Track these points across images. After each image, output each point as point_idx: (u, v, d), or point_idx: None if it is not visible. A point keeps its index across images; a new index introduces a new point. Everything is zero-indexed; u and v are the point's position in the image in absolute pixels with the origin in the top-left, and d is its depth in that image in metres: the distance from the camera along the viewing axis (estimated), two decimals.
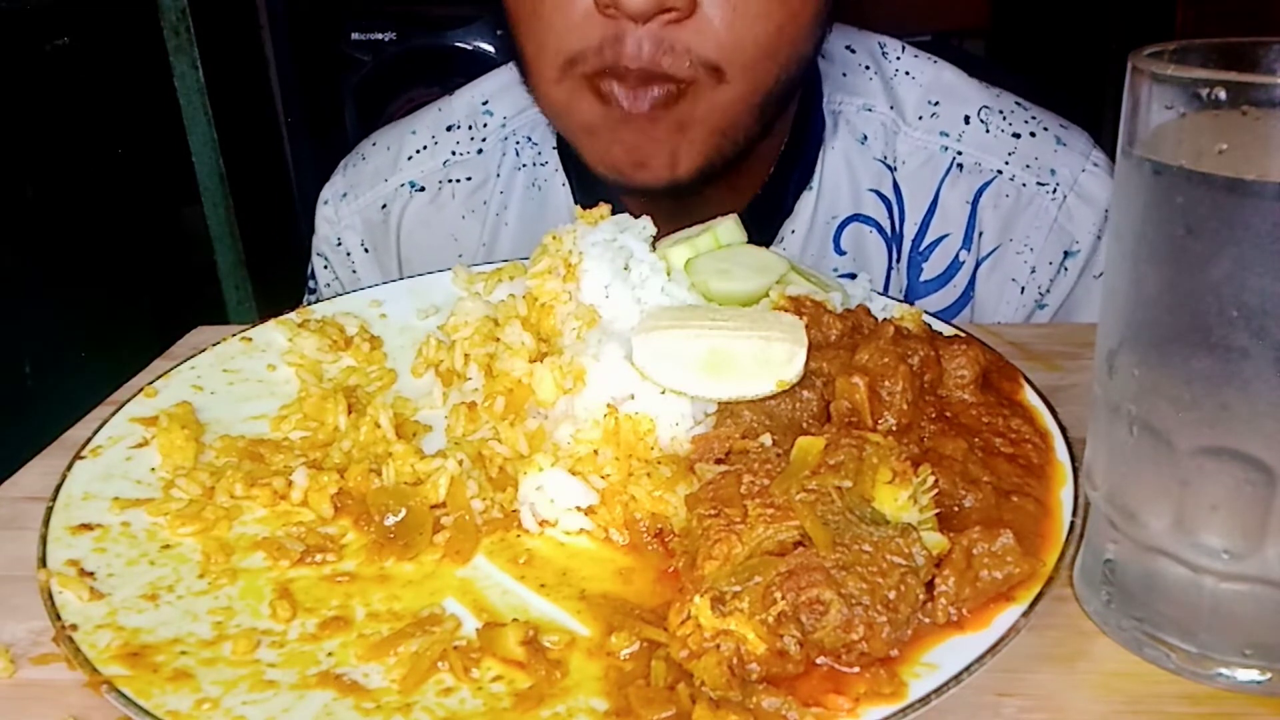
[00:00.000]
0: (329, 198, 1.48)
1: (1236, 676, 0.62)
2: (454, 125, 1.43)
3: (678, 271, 0.90)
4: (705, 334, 0.78)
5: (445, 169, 1.42)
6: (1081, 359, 0.97)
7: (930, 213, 1.30)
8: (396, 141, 1.46)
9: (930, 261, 1.31)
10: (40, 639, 0.67)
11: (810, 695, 0.59)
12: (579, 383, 0.80)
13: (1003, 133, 1.30)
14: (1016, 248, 1.28)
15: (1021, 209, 1.28)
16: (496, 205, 1.39)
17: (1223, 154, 0.55)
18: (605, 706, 0.60)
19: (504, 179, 1.40)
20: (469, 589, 0.71)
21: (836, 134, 1.30)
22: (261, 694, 0.61)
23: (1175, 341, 0.58)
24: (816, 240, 1.30)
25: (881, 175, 1.30)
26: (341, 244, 1.47)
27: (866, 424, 0.75)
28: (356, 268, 1.47)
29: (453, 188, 1.41)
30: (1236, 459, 0.58)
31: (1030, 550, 0.66)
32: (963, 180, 1.29)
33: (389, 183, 1.44)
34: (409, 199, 1.43)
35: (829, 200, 1.30)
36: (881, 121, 1.30)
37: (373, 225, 1.46)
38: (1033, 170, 1.28)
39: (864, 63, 1.34)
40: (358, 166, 1.48)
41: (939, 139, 1.30)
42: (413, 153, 1.44)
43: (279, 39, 3.08)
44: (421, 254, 1.43)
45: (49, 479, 0.80)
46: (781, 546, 0.64)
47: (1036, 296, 1.29)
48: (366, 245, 1.46)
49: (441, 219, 1.42)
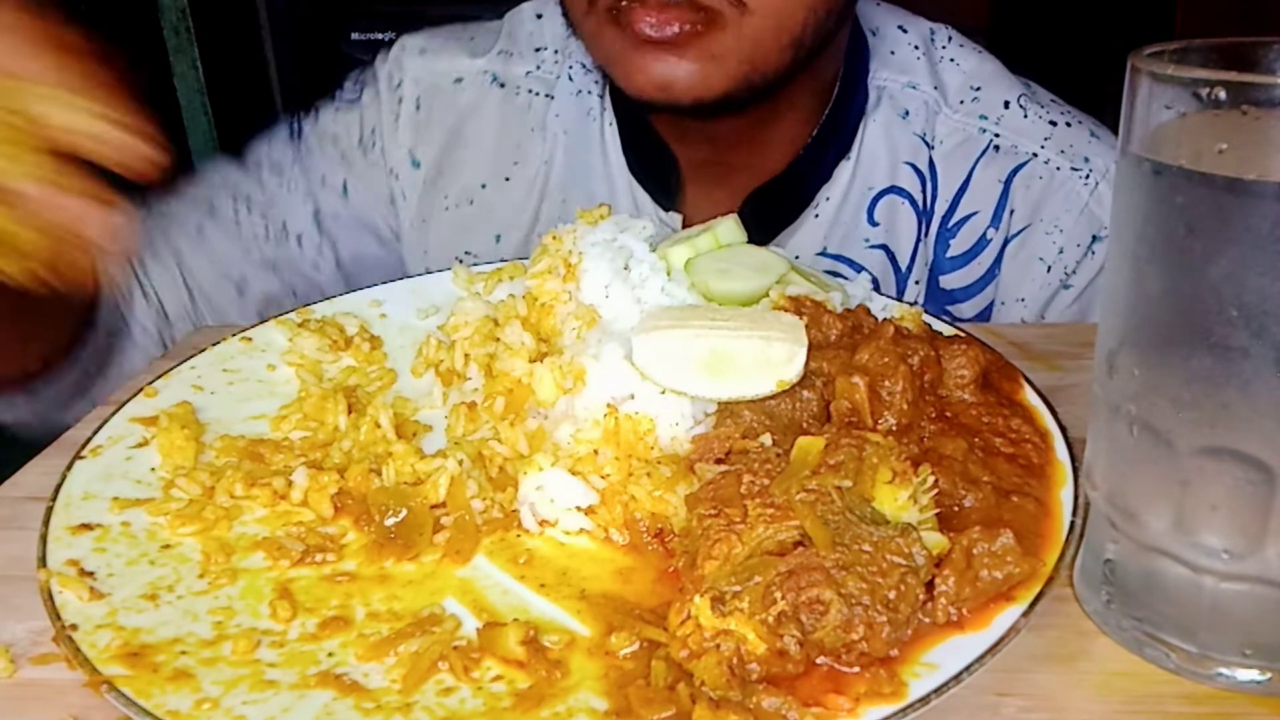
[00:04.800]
0: (406, 45, 1.44)
1: (1236, 676, 0.62)
2: (541, 47, 1.42)
3: (678, 271, 0.90)
4: (705, 334, 0.78)
5: (527, 79, 1.41)
6: (1081, 359, 0.97)
7: (962, 190, 1.32)
8: (485, 36, 1.44)
9: (958, 238, 1.32)
10: (40, 639, 0.67)
11: (810, 695, 0.59)
12: (579, 382, 0.80)
13: (1040, 119, 1.31)
14: (1046, 228, 1.29)
15: (1054, 190, 1.29)
16: (556, 127, 1.38)
17: (1222, 154, 0.55)
18: (605, 706, 0.60)
19: (566, 104, 1.39)
20: (469, 589, 0.71)
21: (879, 107, 1.32)
22: (261, 694, 0.61)
23: (1175, 341, 0.59)
24: (851, 209, 1.32)
25: (918, 150, 1.32)
26: (400, 86, 1.42)
27: (866, 424, 0.75)
28: (400, 116, 1.42)
29: (530, 99, 1.40)
30: (1236, 459, 0.58)
31: (1030, 550, 0.66)
32: (998, 161, 1.30)
33: (473, 62, 1.42)
34: (487, 88, 1.41)
35: (866, 170, 1.31)
36: (924, 100, 1.32)
37: (438, 92, 1.41)
38: (1067, 156, 1.29)
39: (914, 43, 1.36)
40: (442, 37, 1.44)
41: (978, 121, 1.32)
42: (500, 50, 1.42)
43: (279, 39, 3.08)
44: (476, 152, 1.40)
45: (49, 479, 0.80)
46: (781, 546, 0.64)
47: (1062, 276, 1.29)
48: (420, 105, 1.42)
49: (511, 123, 1.40)
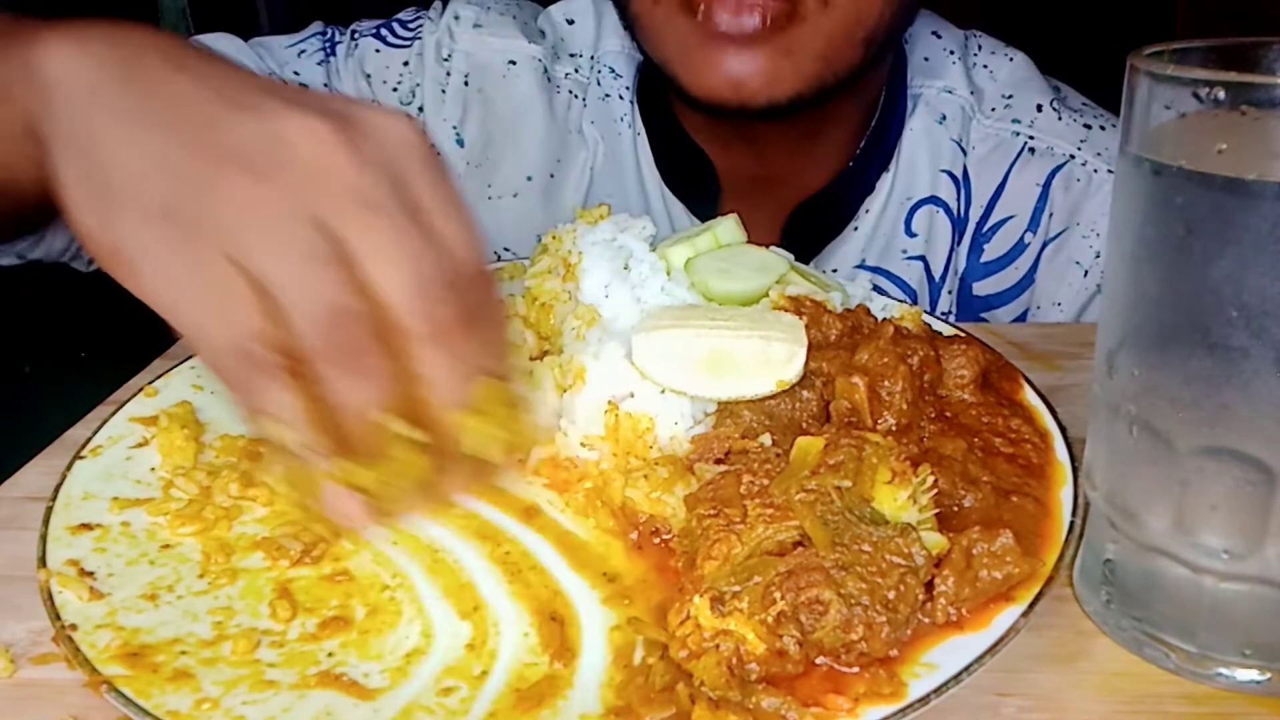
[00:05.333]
0: (461, 15, 1.34)
1: (1236, 676, 0.62)
2: (576, 53, 1.37)
3: (678, 271, 0.90)
4: (705, 334, 0.78)
5: (567, 80, 1.36)
6: (1081, 359, 0.97)
7: (997, 195, 1.30)
8: (533, 24, 1.38)
9: (992, 243, 1.31)
10: (40, 639, 0.67)
11: (810, 695, 0.58)
12: (579, 381, 0.80)
13: (1074, 121, 1.30)
14: (1083, 231, 1.28)
15: (1092, 193, 1.27)
16: (593, 134, 1.34)
17: (1222, 154, 0.55)
18: (604, 706, 0.60)
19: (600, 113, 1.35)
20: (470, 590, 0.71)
21: (915, 114, 1.30)
22: (261, 694, 0.61)
23: (1175, 341, 0.59)
24: (889, 221, 1.30)
25: (955, 156, 1.30)
26: (450, 59, 1.33)
27: (866, 424, 0.75)
28: (447, 90, 1.33)
29: (570, 99, 1.35)
30: (1236, 459, 0.58)
31: (1030, 550, 0.66)
32: (1034, 163, 1.29)
33: (528, 47, 1.34)
34: (540, 77, 1.33)
35: (905, 180, 1.30)
36: (960, 105, 1.31)
37: (490, 72, 1.33)
38: (1104, 158, 1.28)
39: (949, 48, 1.34)
40: (497, 12, 1.36)
41: (1011, 125, 1.30)
42: (550, 44, 1.36)
43: None
44: (525, 142, 1.33)
45: (49, 479, 0.80)
46: (781, 546, 0.64)
47: (1099, 280, 1.28)
48: (469, 81, 1.33)
49: (557, 120, 1.35)
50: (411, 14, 1.39)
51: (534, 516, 0.76)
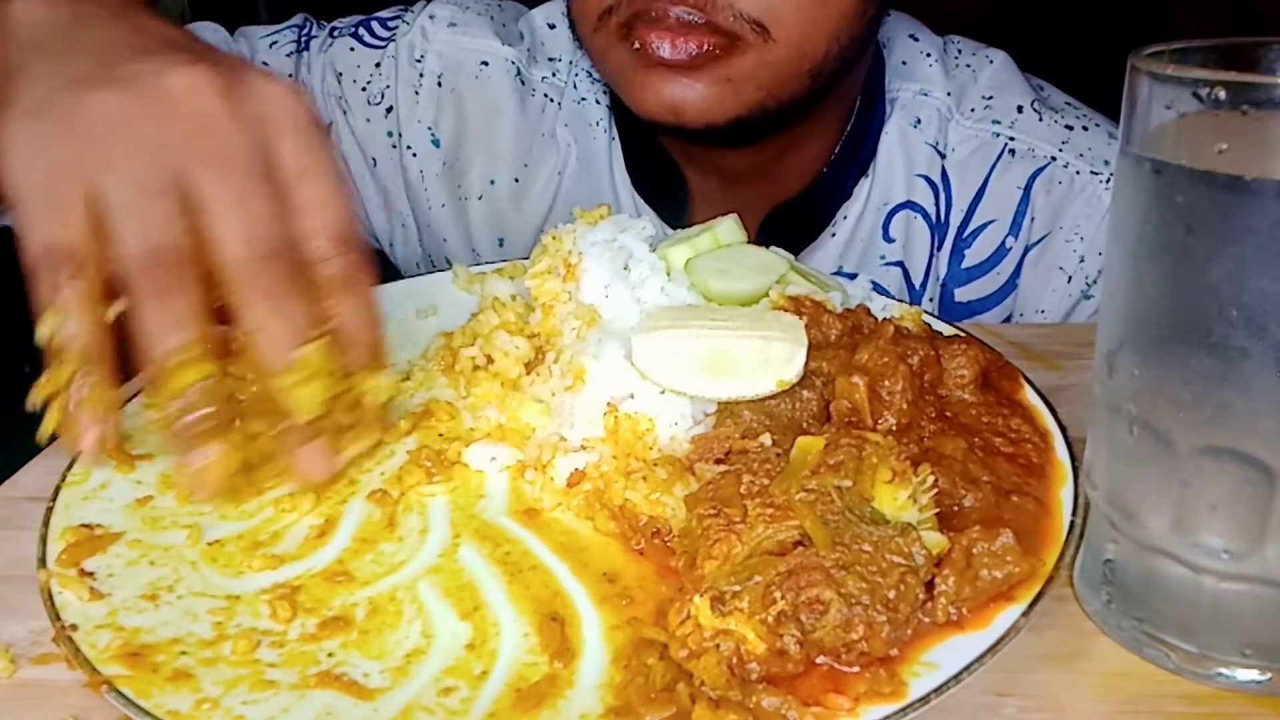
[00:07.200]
0: (436, 14, 1.35)
1: (1236, 676, 0.62)
2: (555, 57, 1.37)
3: (678, 271, 0.90)
4: (705, 334, 0.78)
5: (543, 84, 1.36)
6: (1081, 359, 0.97)
7: (978, 198, 1.28)
8: (511, 26, 1.38)
9: (973, 248, 1.29)
10: (40, 639, 0.67)
11: (810, 695, 0.59)
12: (578, 382, 0.80)
13: (1056, 123, 1.28)
14: (1066, 235, 1.26)
15: (1074, 196, 1.25)
16: (566, 137, 1.34)
17: (1222, 154, 0.55)
18: (604, 706, 0.60)
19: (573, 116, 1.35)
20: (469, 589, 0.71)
21: (891, 118, 1.29)
22: (261, 694, 0.61)
23: (1175, 341, 0.59)
24: (867, 226, 1.30)
25: (932, 160, 1.29)
26: (423, 60, 1.34)
27: (866, 424, 0.75)
28: (421, 91, 1.34)
29: (544, 103, 1.35)
30: (1236, 459, 0.58)
31: (1030, 550, 0.66)
32: (1015, 166, 1.27)
33: (502, 48, 1.34)
34: (513, 79, 1.34)
35: (883, 186, 1.29)
36: (936, 107, 1.29)
37: (462, 71, 1.33)
38: (1086, 160, 1.25)
39: (927, 50, 1.33)
40: (474, 12, 1.36)
41: (990, 126, 1.28)
42: (526, 46, 1.36)
43: None
44: (493, 145, 1.34)
45: (49, 479, 0.80)
46: (781, 546, 0.64)
47: (1083, 286, 1.26)
48: (442, 82, 1.34)
49: (528, 123, 1.35)
50: (392, 12, 1.39)
51: (534, 517, 0.76)
